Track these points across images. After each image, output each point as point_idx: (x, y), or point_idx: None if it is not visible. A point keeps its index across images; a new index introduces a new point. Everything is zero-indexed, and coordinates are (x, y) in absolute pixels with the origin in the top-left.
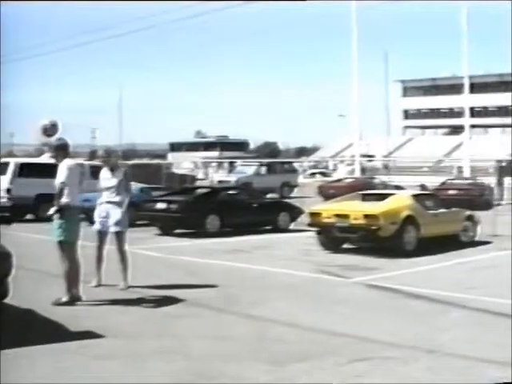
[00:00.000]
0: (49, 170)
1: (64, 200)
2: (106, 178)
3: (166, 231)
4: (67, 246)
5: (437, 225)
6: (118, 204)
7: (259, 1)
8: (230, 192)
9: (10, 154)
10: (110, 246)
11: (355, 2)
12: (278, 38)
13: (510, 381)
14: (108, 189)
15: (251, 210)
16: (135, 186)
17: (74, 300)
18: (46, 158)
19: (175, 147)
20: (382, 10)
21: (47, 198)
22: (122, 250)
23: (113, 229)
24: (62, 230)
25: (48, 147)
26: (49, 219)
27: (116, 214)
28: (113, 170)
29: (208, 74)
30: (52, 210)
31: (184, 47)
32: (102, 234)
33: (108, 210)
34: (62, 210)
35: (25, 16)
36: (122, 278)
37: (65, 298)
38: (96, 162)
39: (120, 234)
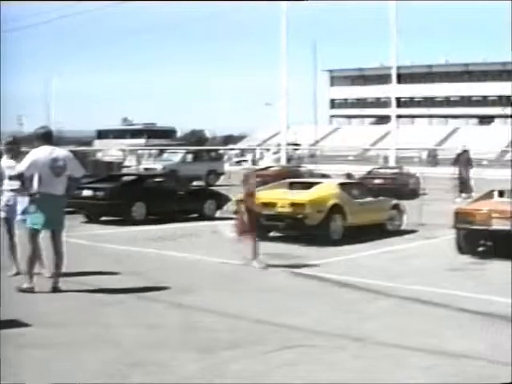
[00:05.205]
0: None
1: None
2: (10, 167)
3: (92, 218)
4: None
5: (363, 213)
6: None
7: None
8: (157, 179)
9: None
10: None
11: None
12: (206, 27)
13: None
14: (13, 178)
15: (177, 197)
16: None
17: None
18: None
19: (102, 134)
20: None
21: None
22: None
23: (20, 217)
24: (42, 218)
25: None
26: None
27: (22, 202)
28: (16, 157)
29: (138, 61)
30: None
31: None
32: (8, 221)
33: (14, 197)
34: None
35: None
36: (40, 265)
37: (26, 284)
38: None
39: None
